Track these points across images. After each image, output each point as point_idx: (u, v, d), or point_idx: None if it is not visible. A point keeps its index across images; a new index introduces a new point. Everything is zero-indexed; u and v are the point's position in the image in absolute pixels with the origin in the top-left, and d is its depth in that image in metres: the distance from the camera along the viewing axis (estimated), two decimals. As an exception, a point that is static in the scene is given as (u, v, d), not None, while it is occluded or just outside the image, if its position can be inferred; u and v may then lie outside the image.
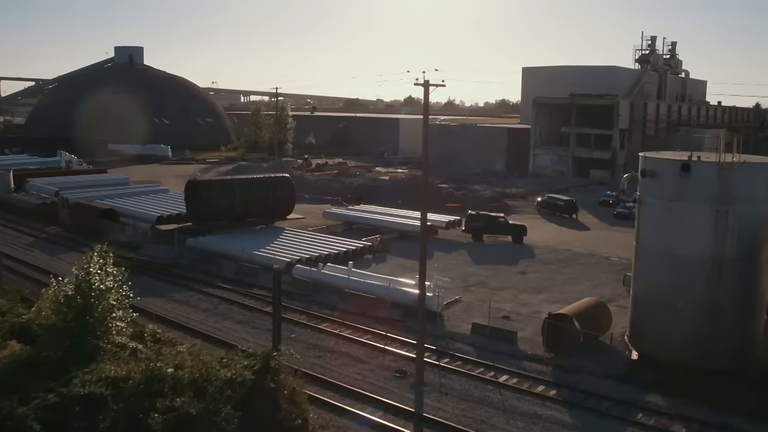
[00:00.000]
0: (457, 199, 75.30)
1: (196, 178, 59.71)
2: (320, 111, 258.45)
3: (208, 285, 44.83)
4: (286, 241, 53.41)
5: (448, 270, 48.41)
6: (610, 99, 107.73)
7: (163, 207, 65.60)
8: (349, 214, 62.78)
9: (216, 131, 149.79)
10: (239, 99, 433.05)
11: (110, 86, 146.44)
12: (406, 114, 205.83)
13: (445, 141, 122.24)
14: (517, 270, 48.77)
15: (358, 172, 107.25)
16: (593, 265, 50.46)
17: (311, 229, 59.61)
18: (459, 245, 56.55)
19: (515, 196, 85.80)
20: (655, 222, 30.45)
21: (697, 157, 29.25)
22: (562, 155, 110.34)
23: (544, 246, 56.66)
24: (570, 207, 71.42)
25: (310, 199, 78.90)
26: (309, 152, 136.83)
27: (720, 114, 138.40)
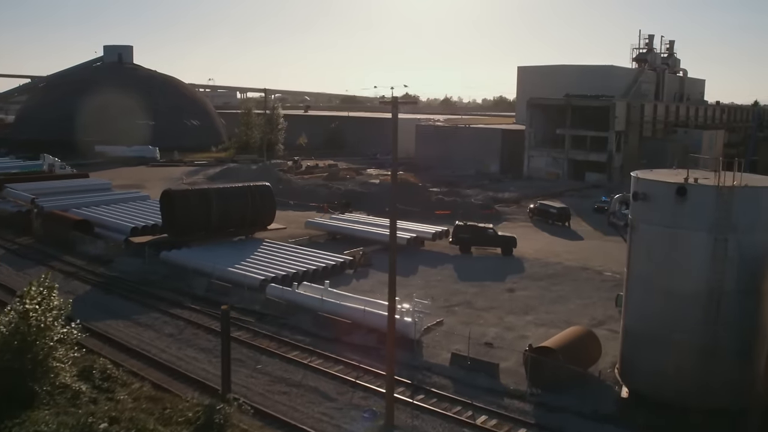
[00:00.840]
0: (447, 206, 72.78)
1: (170, 188, 57.14)
2: (315, 109, 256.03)
3: (176, 305, 42.33)
4: (264, 255, 50.88)
5: (432, 287, 46.01)
6: (606, 100, 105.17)
7: (141, 216, 63.15)
8: (332, 224, 60.25)
9: (206, 131, 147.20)
10: (236, 96, 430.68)
11: (98, 86, 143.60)
12: (406, 114, 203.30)
13: (439, 142, 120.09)
14: (504, 287, 46.28)
15: (348, 175, 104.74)
16: (585, 281, 47.97)
17: (292, 240, 57.07)
18: (445, 258, 54.04)
19: (507, 201, 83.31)
20: (647, 249, 27.93)
21: (694, 179, 26.70)
22: (557, 157, 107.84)
23: (534, 259, 54.16)
24: (563, 215, 68.92)
25: (296, 206, 76.38)
26: (300, 153, 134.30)
27: (718, 114, 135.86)
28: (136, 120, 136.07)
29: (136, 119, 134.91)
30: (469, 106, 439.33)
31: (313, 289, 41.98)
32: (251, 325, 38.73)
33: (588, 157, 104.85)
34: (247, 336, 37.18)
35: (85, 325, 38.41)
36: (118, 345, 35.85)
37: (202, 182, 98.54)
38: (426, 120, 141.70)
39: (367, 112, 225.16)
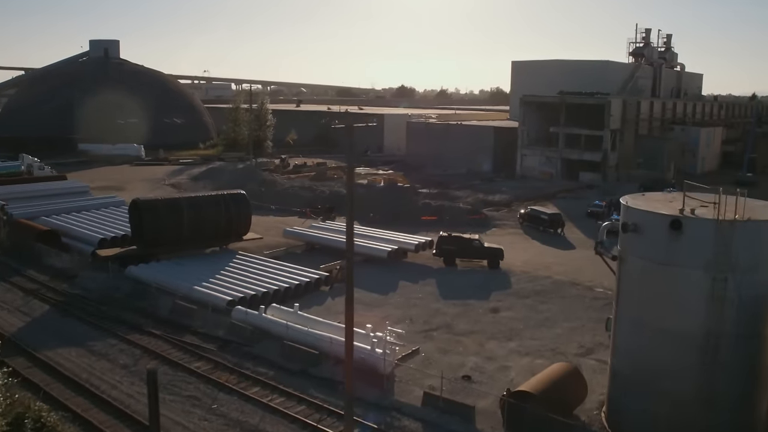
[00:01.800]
0: (433, 211, 69.95)
1: (139, 198, 54.18)
2: (309, 103, 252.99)
3: (136, 329, 39.49)
4: (235, 271, 48.03)
5: (411, 306, 43.24)
6: (601, 98, 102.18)
7: (113, 225, 60.17)
8: (311, 234, 57.34)
9: (194, 128, 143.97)
10: (232, 88, 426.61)
11: (83, 82, 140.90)
12: (405, 108, 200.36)
13: (430, 140, 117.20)
14: (488, 306, 43.47)
15: (335, 175, 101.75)
16: (574, 299, 45.17)
17: (267, 252, 54.23)
18: (428, 271, 51.23)
19: (498, 204, 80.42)
20: (638, 286, 25.17)
21: (691, 210, 23.86)
22: (550, 156, 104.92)
23: (522, 272, 51.36)
24: (554, 222, 66.11)
25: (277, 210, 73.61)
26: (289, 151, 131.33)
27: (716, 110, 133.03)
28: (118, 120, 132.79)
29: (119, 117, 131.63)
30: (465, 98, 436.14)
31: (281, 312, 39.19)
32: (213, 354, 35.94)
33: (582, 157, 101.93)
34: (206, 368, 34.39)
35: (35, 355, 35.94)
36: (66, 379, 33.02)
37: (185, 183, 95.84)
38: (418, 116, 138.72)
39: (360, 105, 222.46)
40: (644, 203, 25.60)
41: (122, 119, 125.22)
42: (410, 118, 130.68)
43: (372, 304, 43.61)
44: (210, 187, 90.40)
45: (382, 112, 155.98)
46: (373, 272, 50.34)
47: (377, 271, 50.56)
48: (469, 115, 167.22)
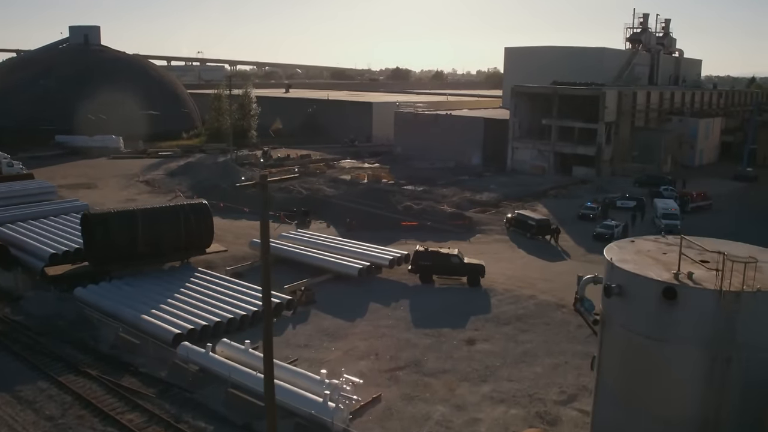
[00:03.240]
0: (415, 215, 65.94)
1: (89, 210, 50.25)
2: (301, 87, 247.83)
3: (71, 369, 35.56)
4: (191, 293, 44.06)
5: (379, 336, 39.36)
6: (595, 89, 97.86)
7: (69, 237, 55.40)
8: (278, 247, 53.27)
9: (177, 117, 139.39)
10: (226, 69, 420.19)
11: (62, 70, 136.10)
12: (396, 94, 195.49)
13: (419, 130, 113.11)
14: (464, 336, 39.56)
15: (318, 170, 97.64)
16: (559, 326, 41.27)
17: (229, 269, 50.21)
18: (402, 291, 47.28)
19: (485, 204, 76.39)
20: (622, 360, 21.23)
21: (688, 273, 19.83)
22: (543, 150, 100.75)
23: (504, 291, 47.44)
24: (542, 228, 62.09)
25: (250, 214, 69.46)
26: (274, 141, 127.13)
27: (715, 99, 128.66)
28: (105, 105, 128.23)
29: (97, 107, 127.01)
30: (461, 80, 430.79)
31: (230, 349, 35.30)
32: (151, 403, 32.04)
33: (575, 150, 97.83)
34: (140, 421, 30.50)
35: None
36: (-22, 438, 29.20)
37: (160, 179, 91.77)
38: (408, 104, 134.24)
39: (354, 90, 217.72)
40: (632, 258, 21.52)
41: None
42: (398, 107, 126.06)
43: (336, 333, 39.73)
44: (186, 184, 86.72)
45: (371, 99, 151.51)
46: (342, 292, 46.54)
47: (347, 291, 46.72)
48: (462, 102, 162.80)
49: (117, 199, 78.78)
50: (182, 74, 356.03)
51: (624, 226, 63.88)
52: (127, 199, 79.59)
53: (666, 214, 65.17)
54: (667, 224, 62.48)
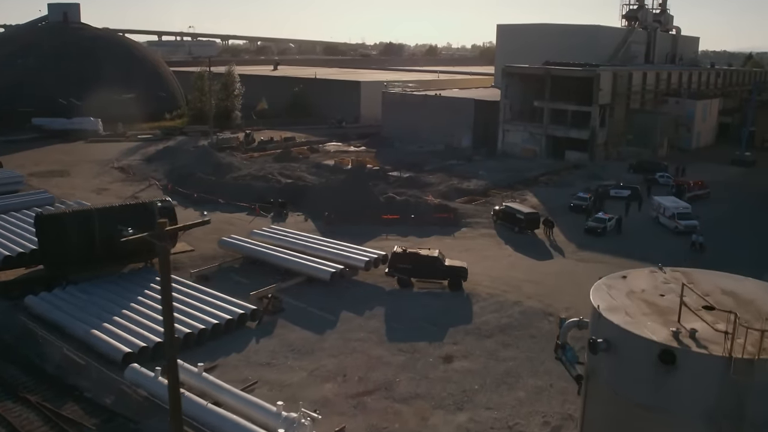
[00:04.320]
0: (397, 207, 62.51)
1: (42, 211, 46.81)
2: (291, 63, 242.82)
3: (9, 395, 32.31)
4: (149, 302, 40.80)
5: (349, 353, 36.18)
6: (590, 70, 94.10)
7: (26, 237, 51.70)
8: (248, 247, 49.90)
9: (160, 97, 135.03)
10: (218, 44, 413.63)
11: (40, 50, 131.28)
12: (386, 71, 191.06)
13: (407, 111, 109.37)
14: (441, 352, 36.40)
15: (301, 154, 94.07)
16: (546, 339, 38.05)
17: (194, 272, 46.85)
18: (378, 296, 44.02)
19: (473, 193, 73.08)
20: (609, 426, 17.96)
21: (691, 331, 16.54)
22: (534, 133, 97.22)
23: (488, 296, 44.27)
24: (532, 222, 58.87)
25: (225, 206, 66.08)
26: (259, 122, 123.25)
27: (713, 78, 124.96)
28: (85, 85, 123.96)
29: (80, 86, 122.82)
30: (455, 55, 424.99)
31: (183, 372, 32.06)
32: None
33: (568, 134, 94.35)
34: (74, 461, 27.39)
35: None
36: None
37: (136, 165, 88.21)
38: (397, 84, 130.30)
39: (344, 67, 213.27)
40: (623, 304, 18.22)
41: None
42: (386, 87, 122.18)
43: (302, 349, 36.55)
44: (162, 171, 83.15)
45: (360, 78, 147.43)
46: (313, 298, 43.32)
47: (318, 297, 43.48)
48: (454, 80, 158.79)
49: (88, 189, 75.34)
50: (173, 50, 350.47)
51: (617, 220, 60.71)
52: (99, 188, 76.10)
53: (682, 215, 60.44)
54: (687, 225, 59.04)
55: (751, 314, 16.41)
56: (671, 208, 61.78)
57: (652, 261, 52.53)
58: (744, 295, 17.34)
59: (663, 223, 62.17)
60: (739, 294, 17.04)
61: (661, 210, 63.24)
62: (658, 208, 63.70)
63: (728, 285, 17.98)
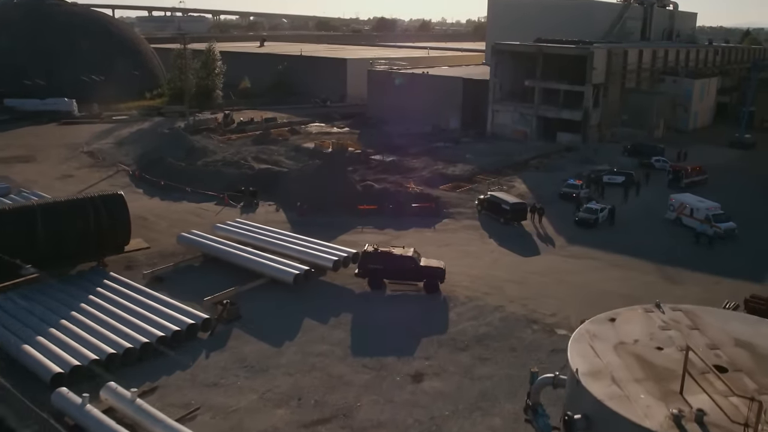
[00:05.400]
0: (375, 196, 58.53)
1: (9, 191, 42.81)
2: (281, 39, 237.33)
3: None
4: (93, 309, 36.82)
5: (308, 370, 32.38)
6: (583, 48, 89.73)
7: None
8: (208, 244, 45.87)
9: (139, 76, 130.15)
10: (209, 21, 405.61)
11: (13, 27, 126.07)
12: (375, 48, 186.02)
13: (394, 91, 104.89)
14: (411, 369, 32.59)
15: (280, 136, 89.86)
16: (528, 352, 34.32)
17: (147, 272, 42.88)
18: (346, 302, 40.12)
19: (458, 179, 69.08)
20: None
21: (697, 417, 12.65)
22: (525, 113, 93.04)
23: (467, 299, 40.46)
24: (518, 213, 54.99)
25: (192, 195, 62.06)
26: (238, 104, 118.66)
27: (711, 56, 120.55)
28: (61, 64, 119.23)
29: (56, 65, 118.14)
30: (449, 31, 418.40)
31: (116, 397, 28.33)
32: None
33: (560, 115, 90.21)
34: None
35: None
36: None
37: (107, 149, 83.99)
38: (385, 61, 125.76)
39: (334, 44, 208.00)
40: (609, 364, 14.33)
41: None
42: (371, 65, 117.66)
43: (256, 365, 32.72)
44: (133, 156, 79.02)
45: (348, 55, 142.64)
46: (274, 303, 39.46)
47: (281, 301, 39.62)
48: (445, 57, 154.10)
49: (53, 175, 71.30)
50: (162, 26, 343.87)
51: (610, 210, 56.85)
52: (65, 175, 72.00)
53: (718, 216, 53.27)
54: (727, 228, 52.64)
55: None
56: (702, 209, 54.12)
57: (648, 256, 49.13)
58: (763, 347, 13.49)
59: (688, 225, 54.67)
60: (756, 346, 13.32)
61: (685, 210, 55.55)
62: (681, 208, 56.03)
63: (743, 332, 14.22)
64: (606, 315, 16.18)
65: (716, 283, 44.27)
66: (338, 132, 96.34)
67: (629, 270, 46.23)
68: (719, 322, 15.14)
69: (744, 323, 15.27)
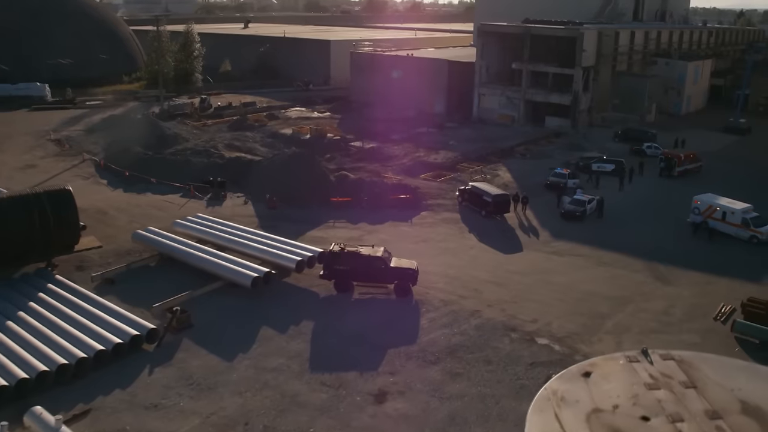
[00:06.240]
0: (350, 187, 55.23)
1: None
2: (267, 20, 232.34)
3: None
4: (30, 318, 33.48)
5: (258, 389, 29.21)
6: (572, 29, 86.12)
7: None
8: (163, 243, 42.42)
9: (117, 59, 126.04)
10: (197, 1, 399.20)
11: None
12: (362, 29, 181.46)
13: (377, 74, 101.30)
14: (373, 386, 29.39)
15: (257, 122, 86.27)
16: (505, 366, 31.17)
17: (96, 275, 39.51)
18: (308, 307, 36.83)
19: (441, 167, 65.83)
20: None
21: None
22: (512, 97, 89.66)
23: (441, 304, 37.29)
24: (500, 205, 51.80)
25: (157, 186, 58.61)
26: (217, 88, 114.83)
27: (705, 38, 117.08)
28: (33, 48, 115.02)
29: (28, 49, 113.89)
30: (441, 11, 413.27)
31: (39, 423, 25.14)
32: None
33: (549, 99, 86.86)
34: None
35: None
36: None
37: (76, 136, 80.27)
38: (370, 42, 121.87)
39: (321, 25, 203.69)
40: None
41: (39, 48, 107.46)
42: (354, 46, 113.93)
43: (203, 383, 29.51)
44: (103, 144, 75.31)
45: (333, 36, 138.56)
46: (231, 308, 36.23)
47: (237, 306, 36.42)
48: (432, 39, 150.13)
49: (15, 166, 67.53)
50: (148, 7, 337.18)
51: (599, 202, 53.73)
52: (28, 164, 68.27)
53: (756, 219, 48.07)
54: None
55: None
56: (738, 212, 48.51)
57: (638, 253, 45.85)
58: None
59: (719, 229, 49.10)
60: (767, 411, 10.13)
61: (713, 213, 49.66)
62: (710, 210, 50.05)
63: (749, 390, 11.04)
64: (579, 368, 12.99)
65: (711, 282, 41.27)
66: (319, 117, 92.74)
67: (618, 268, 43.16)
68: (721, 377, 12.00)
69: (753, 378, 12.12)
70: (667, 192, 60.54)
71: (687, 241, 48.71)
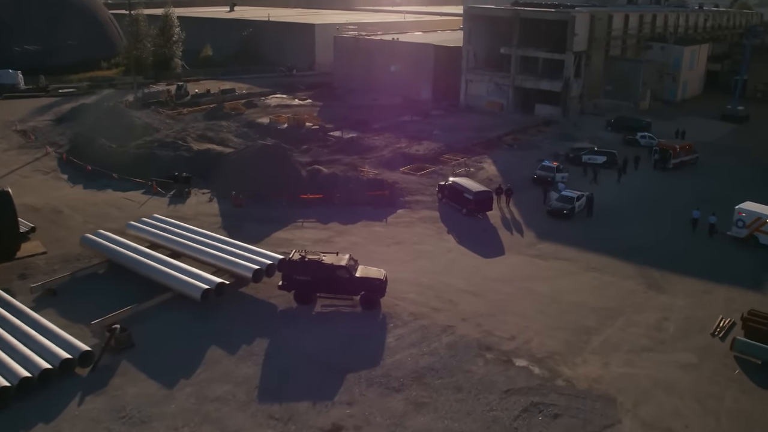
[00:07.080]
0: (322, 182, 51.68)
1: None
2: (254, 3, 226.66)
3: None
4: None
5: (195, 424, 25.98)
6: (563, 12, 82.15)
7: None
8: (112, 248, 38.80)
9: (95, 44, 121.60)
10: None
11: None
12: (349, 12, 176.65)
13: (362, 59, 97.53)
14: (326, 421, 26.02)
15: (234, 110, 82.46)
16: (477, 393, 27.81)
17: (35, 286, 35.92)
18: (264, 322, 33.32)
19: (423, 160, 62.27)
20: None
21: None
22: (500, 84, 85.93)
23: (410, 317, 33.86)
24: (482, 203, 48.34)
25: (119, 182, 54.99)
26: (197, 74, 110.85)
27: (702, 21, 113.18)
28: (7, 33, 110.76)
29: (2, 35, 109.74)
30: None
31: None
32: None
33: (539, 85, 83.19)
34: None
35: None
36: None
37: (43, 127, 76.47)
38: (356, 26, 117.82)
39: (309, 8, 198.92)
40: None
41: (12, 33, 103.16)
42: (338, 30, 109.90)
43: (137, 416, 26.12)
44: (70, 134, 71.45)
45: (317, 20, 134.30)
46: (179, 324, 32.83)
47: (185, 323, 32.97)
48: (421, 22, 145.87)
49: (-27, 158, 63.92)
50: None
51: (588, 198, 50.30)
52: (-13, 157, 64.62)
53: None
54: None
55: None
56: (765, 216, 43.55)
57: (630, 256, 42.03)
58: None
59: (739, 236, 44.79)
60: None
61: (762, 226, 43.80)
62: (758, 223, 43.91)
63: None
64: None
65: (708, 291, 37.91)
66: (299, 105, 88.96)
67: (607, 274, 39.80)
68: None
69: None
70: (661, 186, 57.14)
71: (683, 241, 45.41)
